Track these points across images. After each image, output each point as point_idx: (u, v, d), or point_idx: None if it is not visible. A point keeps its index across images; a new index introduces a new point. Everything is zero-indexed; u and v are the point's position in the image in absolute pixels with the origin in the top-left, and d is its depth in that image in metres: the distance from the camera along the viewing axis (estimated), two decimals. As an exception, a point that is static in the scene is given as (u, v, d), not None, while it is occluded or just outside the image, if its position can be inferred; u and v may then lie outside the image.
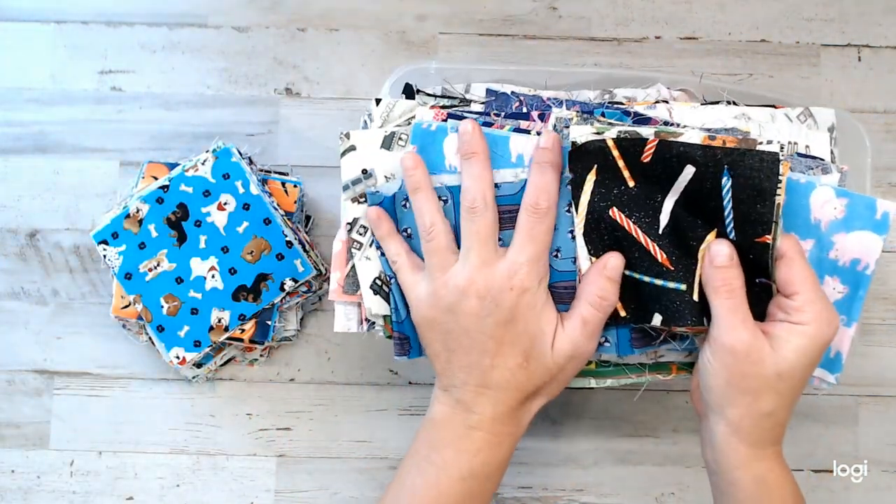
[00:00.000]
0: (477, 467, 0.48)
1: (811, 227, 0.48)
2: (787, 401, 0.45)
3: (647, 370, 0.51)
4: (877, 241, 0.48)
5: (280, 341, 0.63)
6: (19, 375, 0.64)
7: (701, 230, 0.46)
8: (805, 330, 0.44)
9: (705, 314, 0.46)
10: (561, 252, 0.48)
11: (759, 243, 0.44)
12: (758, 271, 0.45)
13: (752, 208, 0.44)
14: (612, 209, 0.47)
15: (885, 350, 0.64)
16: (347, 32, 0.66)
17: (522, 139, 0.48)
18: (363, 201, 0.51)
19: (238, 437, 0.63)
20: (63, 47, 0.66)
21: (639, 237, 0.47)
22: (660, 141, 0.45)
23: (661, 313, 0.47)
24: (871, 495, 0.63)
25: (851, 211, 0.47)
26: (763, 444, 0.46)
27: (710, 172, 0.44)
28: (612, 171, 0.47)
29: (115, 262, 0.59)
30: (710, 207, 0.45)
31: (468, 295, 0.46)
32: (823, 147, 0.51)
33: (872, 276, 0.48)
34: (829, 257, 0.48)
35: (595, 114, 0.50)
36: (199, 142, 0.65)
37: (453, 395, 0.49)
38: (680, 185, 0.46)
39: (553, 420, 0.64)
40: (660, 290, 0.47)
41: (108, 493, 0.63)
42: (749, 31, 0.66)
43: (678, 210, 0.46)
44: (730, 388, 0.45)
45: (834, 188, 0.47)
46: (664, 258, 0.46)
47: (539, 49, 0.66)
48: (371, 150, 0.50)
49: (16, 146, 0.65)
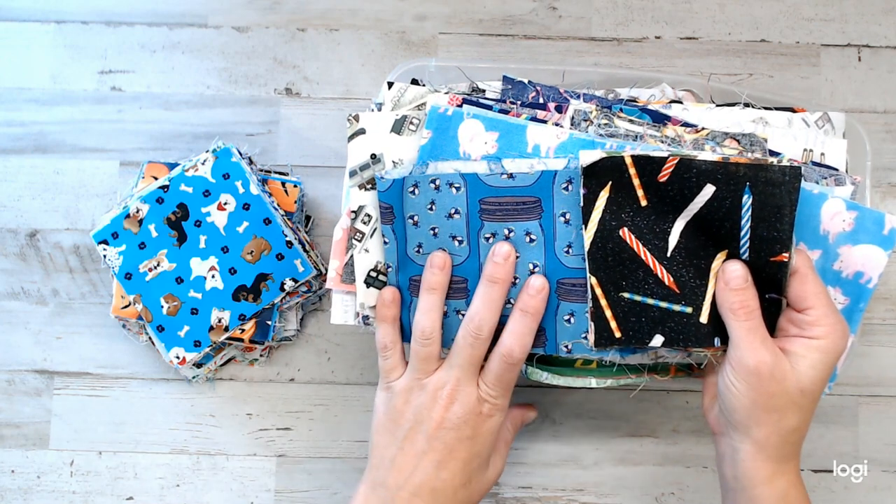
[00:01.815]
0: None
1: (819, 238, 0.47)
2: (809, 415, 0.46)
3: (647, 370, 0.51)
4: (882, 256, 0.47)
5: (280, 341, 0.63)
6: (19, 375, 0.64)
7: (711, 250, 0.45)
8: (821, 344, 0.44)
9: (715, 335, 0.46)
10: (573, 248, 0.48)
11: (774, 262, 0.44)
12: (768, 287, 0.45)
13: (771, 226, 0.44)
14: (623, 229, 0.46)
15: (885, 350, 0.64)
16: (347, 32, 0.66)
17: (539, 129, 0.48)
18: (370, 188, 0.50)
19: (238, 437, 0.63)
20: (63, 47, 0.66)
21: (647, 260, 0.46)
22: (680, 159, 0.45)
23: (664, 335, 0.46)
24: (871, 495, 0.63)
25: (860, 224, 0.47)
26: (787, 459, 0.46)
27: (730, 190, 0.44)
28: (626, 188, 0.46)
29: (115, 262, 0.59)
30: (725, 228, 0.45)
31: (438, 403, 0.48)
32: (839, 154, 0.50)
33: (874, 290, 0.48)
34: (833, 268, 0.48)
35: (614, 109, 0.49)
36: (199, 142, 0.65)
37: (382, 496, 0.48)
38: (695, 207, 0.45)
39: (553, 420, 0.64)
40: (665, 312, 0.46)
41: (108, 493, 0.63)
42: (749, 31, 0.66)
43: (688, 232, 0.46)
44: (756, 408, 0.45)
45: (845, 201, 0.47)
46: (671, 281, 0.46)
47: (539, 49, 0.66)
48: (381, 134, 0.50)
49: (16, 146, 0.65)
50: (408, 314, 0.50)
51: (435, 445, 0.48)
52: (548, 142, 0.48)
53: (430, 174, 0.49)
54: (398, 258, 0.50)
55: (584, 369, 0.51)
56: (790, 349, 0.45)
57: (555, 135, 0.48)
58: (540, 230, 0.48)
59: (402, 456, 0.49)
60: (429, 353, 0.49)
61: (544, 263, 0.48)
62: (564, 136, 0.48)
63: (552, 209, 0.48)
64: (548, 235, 0.48)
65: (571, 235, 0.48)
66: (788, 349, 0.45)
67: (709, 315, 0.46)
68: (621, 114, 0.49)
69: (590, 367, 0.51)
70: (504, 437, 0.53)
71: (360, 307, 0.51)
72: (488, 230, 0.49)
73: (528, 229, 0.48)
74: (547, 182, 0.47)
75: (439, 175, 0.48)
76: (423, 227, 0.49)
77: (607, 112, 0.49)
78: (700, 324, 0.46)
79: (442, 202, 0.49)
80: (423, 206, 0.49)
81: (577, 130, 0.49)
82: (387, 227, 0.50)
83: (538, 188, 0.47)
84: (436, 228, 0.49)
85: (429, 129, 0.49)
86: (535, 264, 0.48)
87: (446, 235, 0.49)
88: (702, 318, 0.46)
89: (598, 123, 0.49)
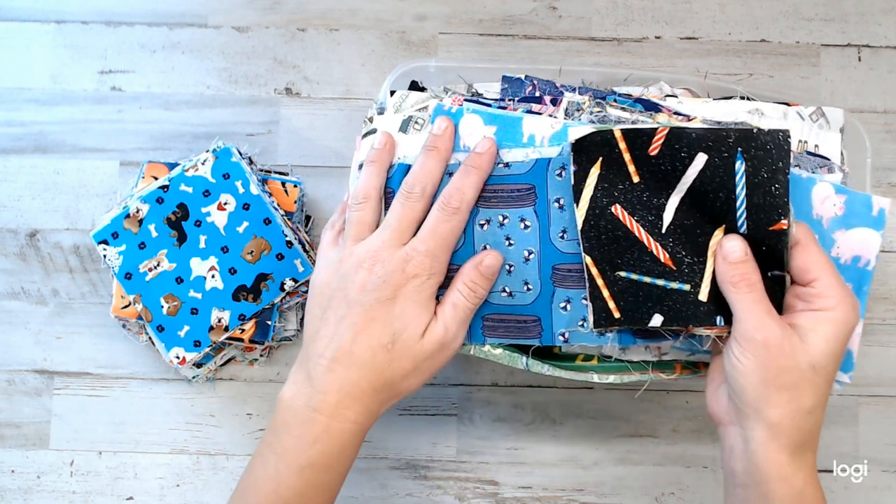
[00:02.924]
0: (314, 457, 0.46)
1: (813, 223, 0.48)
2: (823, 397, 0.43)
3: (651, 368, 0.50)
4: (875, 237, 0.48)
5: (280, 341, 0.63)
6: (19, 375, 0.64)
7: (708, 227, 0.45)
8: (832, 316, 0.42)
9: (717, 314, 0.45)
10: (567, 233, 0.48)
11: (773, 232, 0.44)
12: (770, 263, 0.45)
13: (767, 192, 0.44)
14: (615, 206, 0.46)
15: (886, 350, 0.64)
16: (347, 32, 0.66)
17: (534, 120, 0.49)
18: None
19: (238, 437, 0.63)
20: (63, 47, 0.66)
21: (641, 236, 0.46)
22: (670, 129, 0.45)
23: (663, 314, 0.46)
24: (871, 495, 0.63)
25: (850, 208, 0.48)
26: (803, 450, 0.43)
27: (723, 158, 0.44)
28: (617, 165, 0.46)
29: (115, 262, 0.59)
30: (720, 199, 0.45)
31: (363, 267, 0.46)
32: (834, 148, 0.51)
33: (874, 271, 0.48)
34: (832, 255, 0.48)
35: (608, 100, 0.50)
36: (199, 142, 0.65)
37: (306, 368, 0.47)
38: (688, 179, 0.45)
39: (553, 420, 0.64)
40: (662, 290, 0.46)
41: (108, 493, 0.63)
42: (749, 31, 0.66)
43: (683, 208, 0.46)
44: (766, 386, 0.42)
45: (834, 185, 0.48)
46: (667, 258, 0.46)
47: (539, 49, 0.66)
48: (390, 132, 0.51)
49: (16, 146, 0.65)
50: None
51: (355, 310, 0.46)
52: (542, 131, 0.49)
53: None
54: None
55: (586, 364, 0.51)
56: (798, 323, 0.42)
57: (549, 124, 0.49)
58: (534, 216, 0.49)
59: (325, 326, 0.47)
60: (361, 218, 0.48)
61: (539, 249, 0.49)
62: (559, 125, 0.49)
63: (546, 195, 0.48)
64: (542, 221, 0.49)
65: (566, 220, 0.48)
66: (796, 323, 0.42)
67: (709, 293, 0.45)
68: (614, 103, 0.50)
69: (591, 362, 0.51)
70: (452, 301, 0.48)
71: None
72: (483, 217, 0.49)
73: (523, 215, 0.49)
74: (541, 169, 0.48)
75: None
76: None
77: (600, 101, 0.49)
78: (699, 301, 0.45)
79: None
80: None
81: (571, 119, 0.49)
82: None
83: (532, 175, 0.48)
84: None
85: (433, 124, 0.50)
86: (529, 250, 0.49)
87: None
88: (701, 295, 0.45)
89: (591, 111, 0.49)
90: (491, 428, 0.63)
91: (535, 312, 0.49)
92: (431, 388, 0.64)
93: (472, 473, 0.63)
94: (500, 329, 0.50)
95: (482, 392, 0.64)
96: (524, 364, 0.50)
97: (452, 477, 0.63)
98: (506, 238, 0.49)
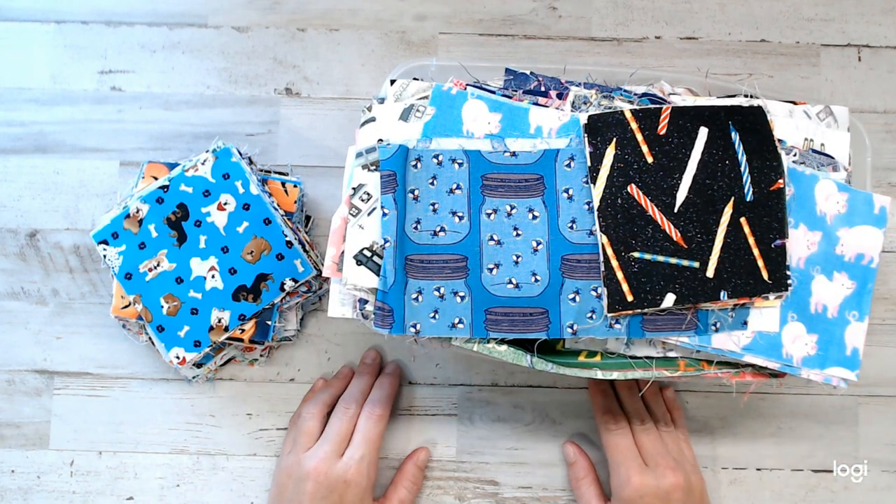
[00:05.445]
0: None
1: (817, 220, 0.49)
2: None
3: (655, 364, 0.50)
4: (878, 235, 0.50)
5: (280, 341, 0.63)
6: (19, 375, 0.64)
7: (719, 204, 0.48)
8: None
9: (721, 289, 0.48)
10: (576, 224, 0.49)
11: (773, 192, 0.47)
12: (771, 229, 0.48)
13: (762, 156, 0.48)
14: (631, 185, 0.48)
15: (885, 350, 0.64)
16: (347, 32, 0.66)
17: (541, 112, 0.50)
18: (374, 169, 0.51)
19: (238, 437, 0.63)
20: (63, 47, 0.66)
21: (655, 215, 0.48)
22: (672, 107, 0.48)
23: (675, 293, 0.48)
24: (871, 495, 0.63)
25: (852, 206, 0.49)
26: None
27: (720, 129, 0.48)
28: (631, 144, 0.48)
29: (115, 262, 0.59)
30: (728, 168, 0.48)
31: (310, 478, 0.55)
32: (841, 146, 0.52)
33: (877, 268, 0.50)
34: (836, 252, 0.49)
35: (614, 94, 0.51)
36: (199, 142, 0.65)
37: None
38: (696, 155, 0.48)
39: (553, 420, 0.64)
40: (674, 269, 0.48)
41: (108, 493, 0.63)
42: (749, 31, 0.66)
43: (696, 188, 0.48)
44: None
45: (836, 182, 0.49)
46: (679, 237, 0.48)
47: (539, 49, 0.66)
48: (389, 122, 0.51)
49: (16, 146, 0.65)
50: (402, 296, 0.50)
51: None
52: (550, 123, 0.49)
53: (434, 149, 0.50)
54: (397, 233, 0.50)
55: (589, 361, 0.51)
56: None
57: (556, 117, 0.50)
58: (543, 207, 0.49)
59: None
60: (309, 430, 0.58)
61: (548, 240, 0.49)
62: (566, 117, 0.50)
63: (555, 185, 0.49)
64: (551, 212, 0.49)
65: (575, 211, 0.49)
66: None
67: (715, 269, 0.48)
68: (621, 97, 0.51)
69: (594, 359, 0.51)
70: (404, 477, 0.61)
71: (345, 283, 0.49)
72: (489, 206, 0.50)
73: (531, 206, 0.49)
74: (549, 160, 0.49)
75: (442, 151, 0.50)
76: (423, 201, 0.50)
77: (608, 95, 0.51)
78: (706, 278, 0.48)
79: (444, 177, 0.50)
80: (424, 180, 0.50)
81: (578, 112, 0.50)
82: (388, 197, 0.50)
83: (540, 166, 0.49)
84: (436, 204, 0.50)
85: (433, 106, 0.51)
86: (538, 241, 0.49)
87: (446, 211, 0.50)
88: (708, 272, 0.48)
89: (598, 104, 0.50)
90: (491, 428, 0.63)
91: (543, 304, 0.49)
92: (431, 388, 0.64)
93: (472, 473, 0.63)
94: (505, 323, 0.49)
95: (482, 392, 0.64)
96: (528, 362, 0.50)
97: (452, 477, 0.63)
98: (514, 228, 0.49)
